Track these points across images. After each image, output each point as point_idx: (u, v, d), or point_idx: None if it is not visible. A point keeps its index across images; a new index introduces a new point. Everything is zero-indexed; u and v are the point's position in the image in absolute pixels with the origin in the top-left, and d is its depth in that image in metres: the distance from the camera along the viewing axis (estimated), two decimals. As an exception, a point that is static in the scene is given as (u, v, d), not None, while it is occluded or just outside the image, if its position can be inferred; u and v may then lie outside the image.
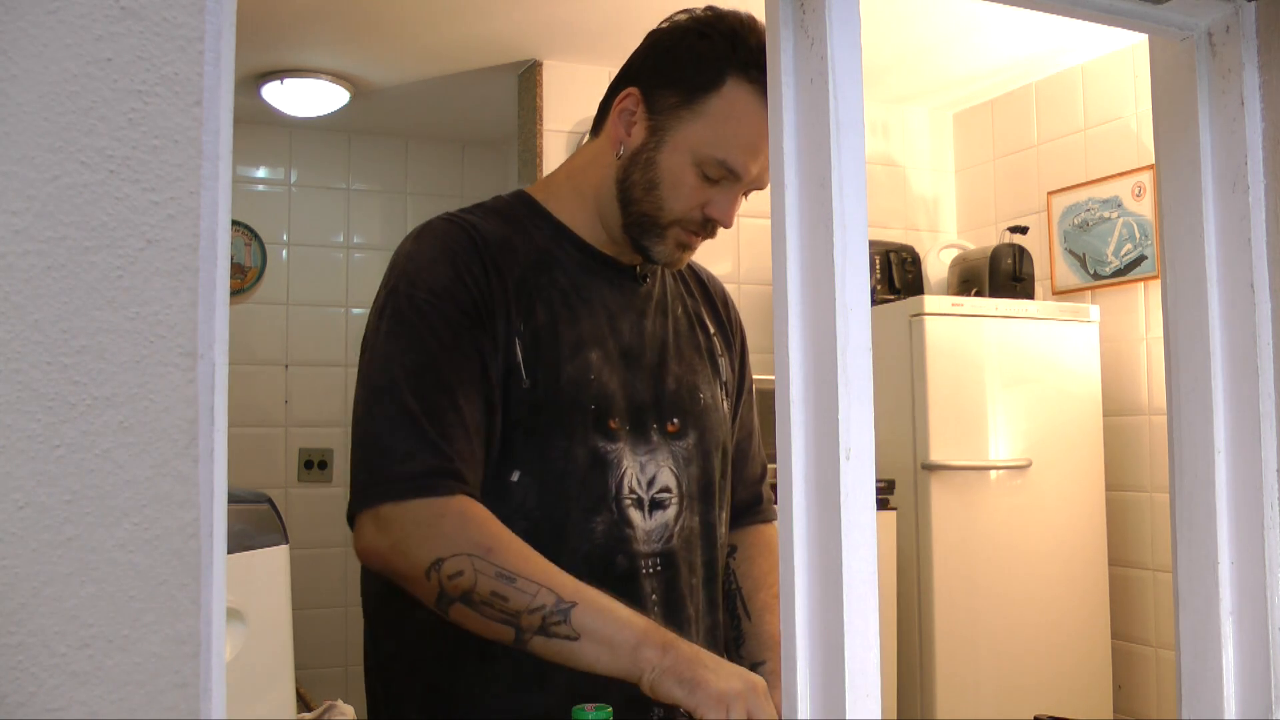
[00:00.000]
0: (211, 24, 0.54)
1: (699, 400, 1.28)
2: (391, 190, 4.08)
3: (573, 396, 1.16)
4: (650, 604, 1.19)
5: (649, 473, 1.22)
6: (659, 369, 1.26)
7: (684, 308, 1.35)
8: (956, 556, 2.84)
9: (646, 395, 1.23)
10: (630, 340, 1.25)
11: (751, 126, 1.16)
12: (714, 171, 1.18)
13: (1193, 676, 0.83)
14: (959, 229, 3.81)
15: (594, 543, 1.16)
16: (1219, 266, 0.83)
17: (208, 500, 0.52)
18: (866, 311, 0.68)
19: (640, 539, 1.19)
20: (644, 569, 1.20)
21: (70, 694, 0.50)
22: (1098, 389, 3.06)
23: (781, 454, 0.69)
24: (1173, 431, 0.86)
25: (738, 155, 1.17)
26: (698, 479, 1.26)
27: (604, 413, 1.19)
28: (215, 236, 0.53)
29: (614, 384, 1.21)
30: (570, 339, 1.19)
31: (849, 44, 0.68)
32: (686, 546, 1.24)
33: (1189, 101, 0.85)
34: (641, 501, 1.20)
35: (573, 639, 1.02)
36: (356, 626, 1.17)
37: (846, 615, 0.65)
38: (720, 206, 1.19)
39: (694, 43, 1.19)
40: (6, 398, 0.49)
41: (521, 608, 1.03)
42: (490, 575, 1.04)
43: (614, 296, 1.26)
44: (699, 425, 1.27)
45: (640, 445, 1.21)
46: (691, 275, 1.41)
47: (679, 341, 1.30)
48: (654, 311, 1.30)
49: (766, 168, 1.14)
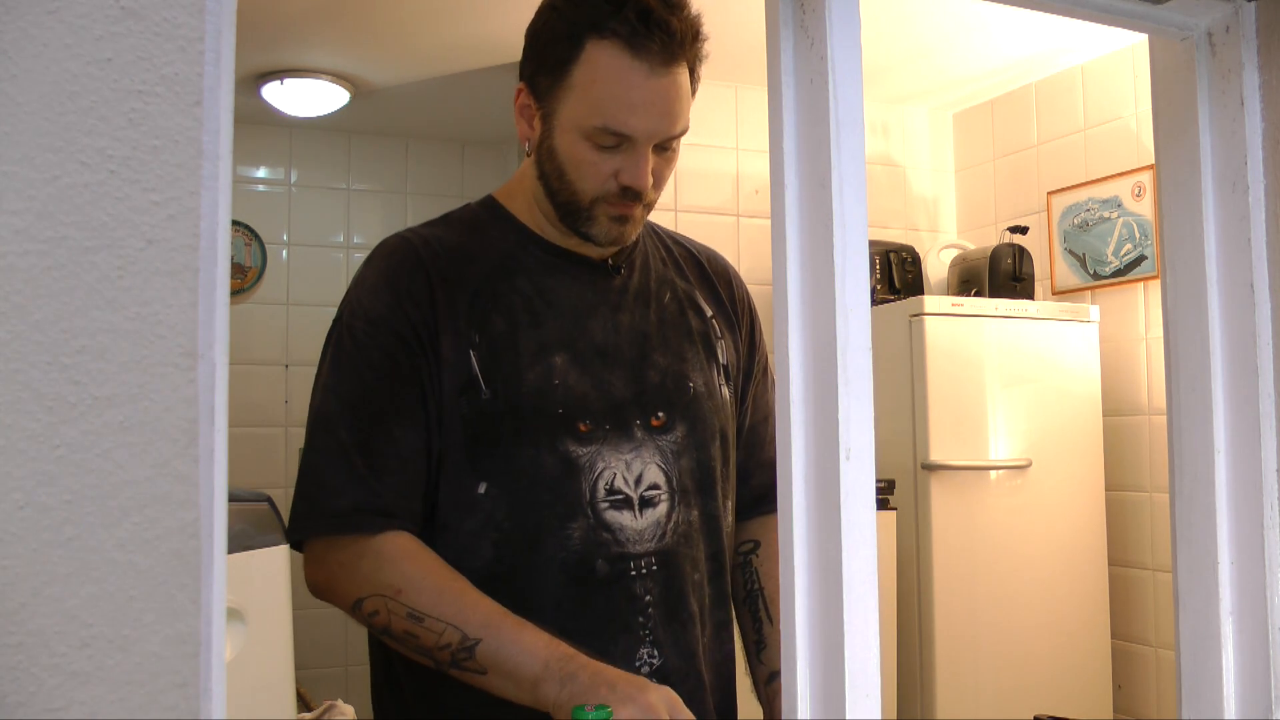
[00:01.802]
0: (211, 24, 0.54)
1: (687, 390, 1.25)
2: (391, 190, 4.08)
3: (536, 404, 1.16)
4: (644, 605, 1.18)
5: (635, 470, 1.20)
6: (639, 363, 1.23)
7: (673, 293, 1.31)
8: (956, 556, 2.84)
9: (626, 392, 1.21)
10: (603, 338, 1.22)
11: (618, 82, 1.12)
12: (604, 139, 1.14)
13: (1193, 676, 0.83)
14: (959, 229, 3.81)
15: (571, 549, 1.15)
16: (1219, 266, 0.83)
17: (208, 500, 0.52)
18: (866, 311, 0.68)
19: (630, 539, 1.18)
20: (635, 570, 1.18)
21: (70, 694, 0.50)
22: (1097, 389, 3.06)
23: (781, 454, 0.70)
24: (1173, 431, 0.86)
25: (615, 115, 1.12)
26: (692, 471, 1.23)
27: (572, 416, 1.17)
28: (215, 236, 0.53)
29: (585, 385, 1.19)
30: (531, 345, 1.18)
31: (849, 44, 0.68)
32: (686, 542, 1.22)
33: (1189, 102, 0.85)
34: (630, 501, 1.18)
35: (480, 673, 1.07)
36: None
37: (846, 615, 0.65)
38: (630, 172, 1.15)
39: (550, 19, 1.17)
40: (6, 398, 0.49)
41: (430, 645, 1.09)
42: (401, 615, 1.09)
43: (584, 294, 1.24)
44: (688, 416, 1.24)
45: (623, 444, 1.19)
46: (687, 256, 1.37)
47: (664, 330, 1.27)
48: (632, 303, 1.26)
49: (663, 115, 1.13)
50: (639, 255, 1.30)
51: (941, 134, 3.85)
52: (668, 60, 1.12)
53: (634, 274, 1.29)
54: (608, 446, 1.18)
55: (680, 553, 1.21)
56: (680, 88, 1.14)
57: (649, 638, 1.18)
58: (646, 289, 1.29)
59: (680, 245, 1.39)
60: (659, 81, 1.12)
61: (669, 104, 1.14)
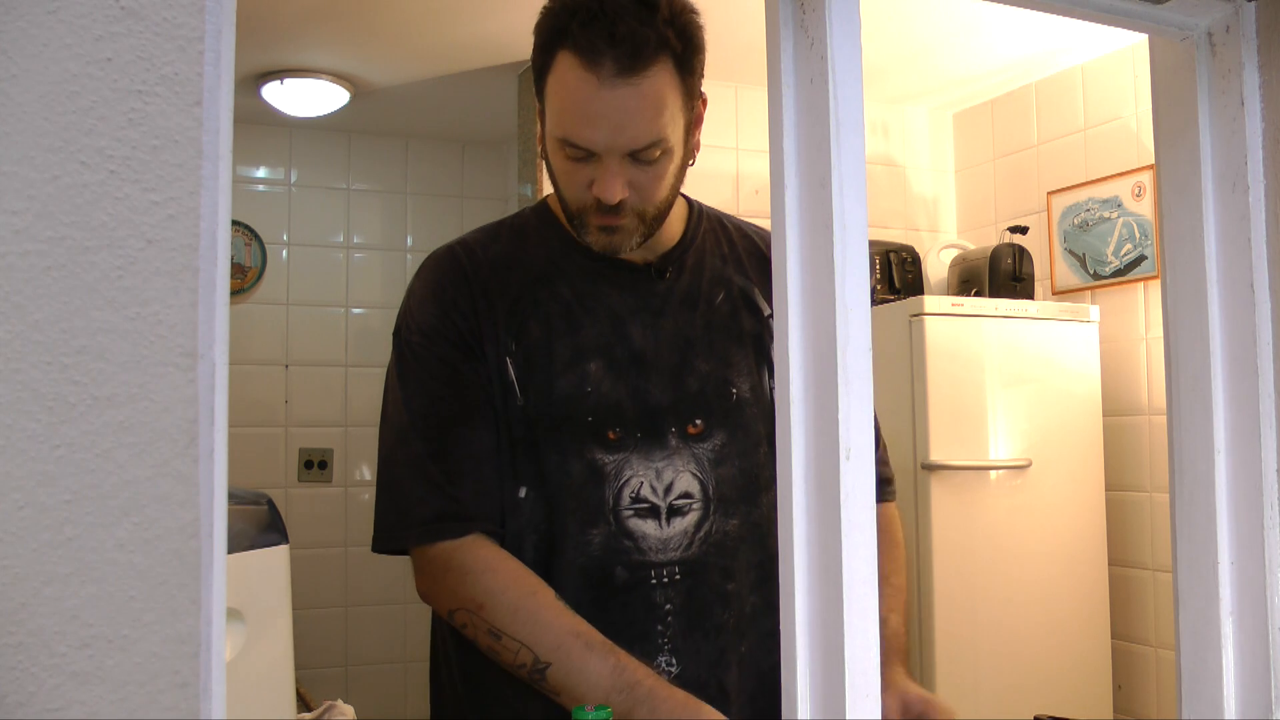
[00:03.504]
0: (211, 24, 0.54)
1: (729, 396, 1.23)
2: (391, 190, 4.08)
3: (566, 411, 1.18)
4: (664, 614, 1.18)
5: (666, 479, 1.19)
6: (679, 369, 1.22)
7: (727, 293, 1.27)
8: (956, 556, 2.84)
9: (663, 399, 1.20)
10: (642, 344, 1.21)
11: (573, 94, 1.10)
12: (571, 151, 1.12)
13: (1193, 676, 0.83)
14: (959, 229, 3.81)
15: (590, 555, 1.17)
16: (1219, 266, 0.83)
17: (208, 500, 0.52)
18: (866, 311, 0.68)
19: (653, 548, 1.18)
20: (655, 579, 1.18)
21: (70, 694, 0.50)
22: (1098, 389, 3.06)
23: (781, 454, 0.70)
24: (1173, 431, 0.86)
25: (572, 128, 1.11)
26: (733, 479, 1.22)
27: (603, 424, 1.18)
28: (215, 236, 0.53)
29: (620, 392, 1.19)
30: (565, 353, 1.19)
31: (849, 44, 0.69)
32: (719, 551, 1.20)
33: (1189, 101, 0.85)
34: (656, 509, 1.18)
35: (556, 695, 1.11)
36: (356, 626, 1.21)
37: (846, 615, 0.65)
38: (600, 183, 1.12)
39: (539, 22, 1.14)
40: (6, 398, 0.49)
41: (509, 663, 1.12)
42: (484, 631, 1.13)
43: (624, 300, 1.23)
44: (729, 423, 1.22)
45: (655, 451, 1.19)
46: (751, 250, 1.32)
47: (710, 335, 1.24)
48: (677, 307, 1.24)
49: (619, 128, 1.09)
50: (693, 255, 1.28)
51: (941, 134, 3.85)
52: (626, 70, 1.07)
53: (683, 275, 1.26)
54: (637, 454, 1.18)
55: (710, 563, 1.20)
56: (646, 98, 1.09)
57: (667, 646, 1.18)
58: (696, 291, 1.26)
59: (748, 238, 1.34)
60: (614, 94, 1.08)
61: (625, 117, 1.09)
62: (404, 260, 4.01)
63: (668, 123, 1.12)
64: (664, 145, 1.13)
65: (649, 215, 1.18)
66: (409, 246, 4.04)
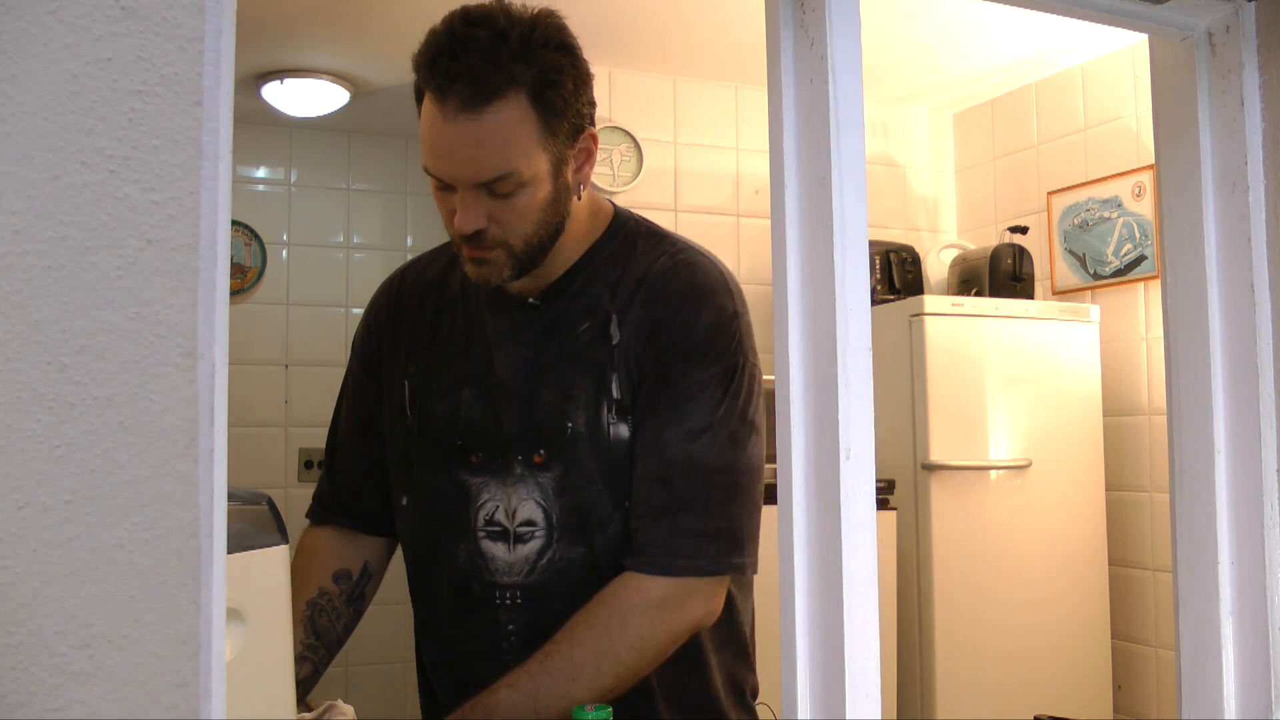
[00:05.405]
0: (211, 24, 0.54)
1: (565, 430, 1.19)
2: (391, 190, 4.08)
3: (439, 433, 1.26)
4: (507, 633, 1.21)
5: (513, 505, 1.21)
6: (529, 399, 1.21)
7: (593, 322, 1.21)
8: (956, 556, 2.84)
9: (513, 428, 1.21)
10: (503, 373, 1.22)
11: (427, 128, 1.11)
12: (435, 181, 1.14)
13: (1193, 676, 0.83)
14: (959, 229, 3.81)
15: (456, 568, 1.24)
16: (1219, 266, 0.83)
17: (208, 500, 0.52)
18: (866, 311, 0.68)
19: (500, 570, 1.21)
20: (500, 599, 1.21)
21: (70, 694, 0.50)
22: (1098, 389, 3.06)
23: (781, 454, 0.70)
24: (1173, 431, 0.86)
25: (428, 159, 1.12)
26: (574, 510, 1.19)
27: (468, 448, 1.24)
28: (215, 236, 0.53)
29: (484, 419, 1.23)
30: (448, 378, 1.26)
31: (849, 44, 0.69)
32: (561, 579, 1.19)
33: (1189, 101, 0.85)
34: (506, 534, 1.21)
35: None
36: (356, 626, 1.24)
37: (846, 615, 0.65)
38: (458, 214, 1.12)
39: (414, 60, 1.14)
40: (6, 398, 0.49)
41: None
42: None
43: (497, 328, 1.24)
44: (564, 456, 1.19)
45: (506, 478, 1.21)
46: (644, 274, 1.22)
47: (560, 365, 1.20)
48: (538, 337, 1.22)
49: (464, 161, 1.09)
50: (581, 283, 1.23)
51: (941, 134, 3.85)
52: (468, 105, 1.07)
53: (557, 304, 1.23)
54: (494, 479, 1.22)
55: (552, 590, 1.20)
56: (490, 131, 1.08)
57: (511, 663, 1.18)
58: (563, 320, 1.22)
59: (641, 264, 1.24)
60: (456, 128, 1.08)
61: (468, 150, 1.09)
62: (403, 260, 4.00)
63: (517, 155, 1.10)
64: (517, 179, 1.11)
65: (516, 249, 1.15)
66: (409, 247, 4.04)
